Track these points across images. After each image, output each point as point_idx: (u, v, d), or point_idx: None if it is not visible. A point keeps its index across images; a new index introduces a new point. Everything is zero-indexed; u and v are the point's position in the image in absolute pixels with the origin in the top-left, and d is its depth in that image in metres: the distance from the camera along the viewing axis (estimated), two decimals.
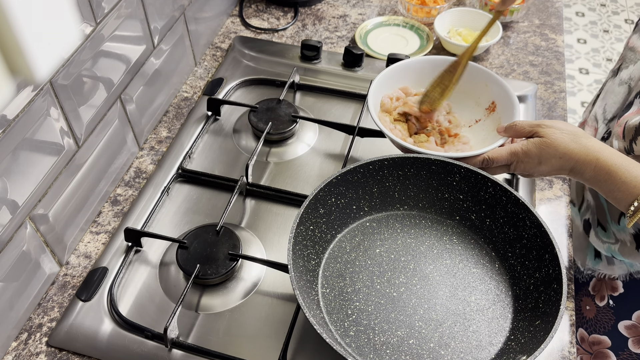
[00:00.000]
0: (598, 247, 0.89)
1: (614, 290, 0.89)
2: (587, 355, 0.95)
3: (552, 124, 0.75)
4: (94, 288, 0.80)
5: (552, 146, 0.73)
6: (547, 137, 0.74)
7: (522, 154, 0.75)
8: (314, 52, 1.12)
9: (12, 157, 0.68)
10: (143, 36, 0.92)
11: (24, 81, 0.67)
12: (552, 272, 0.71)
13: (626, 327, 0.88)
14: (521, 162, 0.76)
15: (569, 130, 0.74)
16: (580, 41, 2.83)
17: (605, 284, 0.90)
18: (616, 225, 0.84)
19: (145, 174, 0.96)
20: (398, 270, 0.78)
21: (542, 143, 0.74)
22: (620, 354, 0.91)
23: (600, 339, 0.92)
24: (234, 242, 0.81)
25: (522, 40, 1.21)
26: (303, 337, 0.75)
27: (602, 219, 0.87)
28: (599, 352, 0.93)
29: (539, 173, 0.76)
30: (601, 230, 0.88)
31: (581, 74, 2.66)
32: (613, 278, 0.89)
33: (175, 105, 1.07)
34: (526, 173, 0.77)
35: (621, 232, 0.83)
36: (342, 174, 0.79)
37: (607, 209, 0.86)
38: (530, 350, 0.64)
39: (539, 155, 0.74)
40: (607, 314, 0.90)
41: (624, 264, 0.87)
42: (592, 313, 0.92)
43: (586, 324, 0.93)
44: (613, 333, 0.90)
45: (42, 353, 0.75)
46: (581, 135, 0.73)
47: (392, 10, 1.29)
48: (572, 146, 0.72)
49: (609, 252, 0.87)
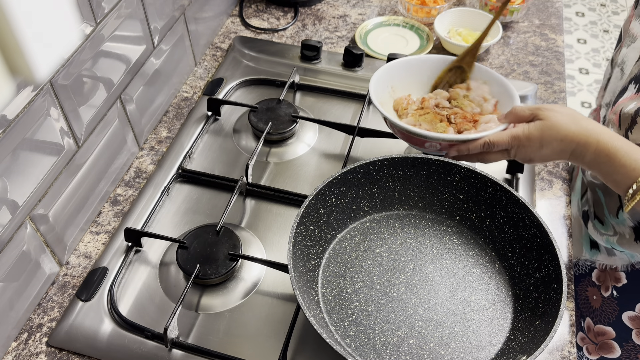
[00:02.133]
0: (597, 239, 0.89)
1: (617, 281, 0.88)
2: (592, 345, 0.95)
3: (552, 107, 0.75)
4: (94, 288, 0.80)
5: (553, 128, 0.72)
6: (548, 120, 0.73)
7: (524, 137, 0.74)
8: (314, 52, 1.12)
9: (12, 157, 0.68)
10: (143, 36, 0.92)
11: (24, 81, 0.67)
12: (552, 272, 0.71)
13: (630, 318, 0.88)
14: (522, 146, 0.75)
15: (568, 112, 0.73)
16: (580, 41, 2.83)
17: (608, 274, 0.89)
18: (615, 218, 0.84)
19: (145, 174, 0.96)
20: (398, 270, 0.78)
21: (543, 125, 0.73)
22: (624, 345, 0.90)
23: (605, 329, 0.91)
24: (234, 242, 0.81)
25: (522, 40, 1.21)
26: (303, 337, 0.75)
27: (600, 213, 0.87)
28: (604, 343, 0.92)
29: (540, 157, 0.75)
30: (599, 223, 0.88)
31: (581, 74, 2.66)
32: (615, 269, 0.88)
33: (175, 105, 1.07)
34: (527, 158, 0.76)
35: (620, 225, 0.83)
36: (342, 174, 0.79)
37: (605, 202, 0.86)
38: (530, 350, 0.64)
39: (540, 139, 0.73)
40: (612, 304, 0.89)
41: (625, 254, 0.87)
42: (597, 303, 0.92)
43: (592, 314, 0.93)
44: (617, 324, 0.89)
45: (42, 353, 0.75)
46: (580, 117, 0.73)
47: (392, 10, 1.29)
48: (573, 128, 0.71)
49: (609, 244, 0.87)
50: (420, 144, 0.83)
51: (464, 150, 0.80)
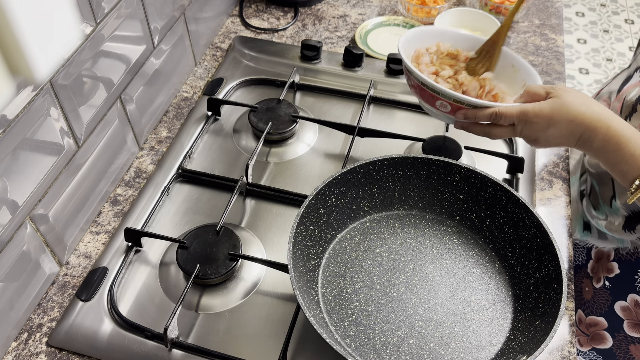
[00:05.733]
0: (590, 218, 0.89)
1: (609, 271, 0.88)
2: (584, 337, 0.94)
3: (565, 88, 0.73)
4: (94, 288, 0.80)
5: (564, 107, 0.70)
6: (560, 98, 0.71)
7: (533, 113, 0.72)
8: (314, 52, 1.12)
9: (12, 157, 0.68)
10: (143, 36, 0.92)
11: (24, 81, 0.67)
12: (552, 272, 0.71)
13: (622, 308, 0.88)
14: (530, 122, 0.72)
15: (581, 95, 0.72)
16: (580, 41, 2.83)
17: (601, 265, 0.89)
18: (608, 207, 0.83)
19: (145, 174, 0.96)
20: (398, 270, 0.78)
21: (554, 103, 0.71)
22: (616, 335, 0.90)
23: (597, 320, 0.91)
24: (234, 242, 0.81)
25: (522, 40, 1.21)
26: (303, 337, 0.75)
27: (595, 201, 0.87)
28: (596, 334, 0.92)
29: (546, 139, 0.73)
30: (592, 208, 0.88)
31: (581, 74, 2.66)
32: (607, 257, 0.88)
33: (175, 105, 1.07)
34: (532, 137, 0.74)
35: (613, 214, 0.83)
36: (342, 174, 0.79)
37: (599, 192, 0.86)
38: (530, 350, 0.64)
39: (549, 117, 0.71)
40: (604, 295, 0.89)
41: (615, 239, 0.86)
42: (589, 294, 0.92)
43: (584, 305, 0.93)
44: (609, 314, 0.89)
45: (42, 353, 0.75)
46: (593, 102, 0.71)
47: (392, 10, 1.29)
48: (583, 109, 0.69)
49: (598, 227, 0.87)
50: (432, 101, 0.79)
51: (471, 116, 0.76)
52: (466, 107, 0.76)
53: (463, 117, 0.77)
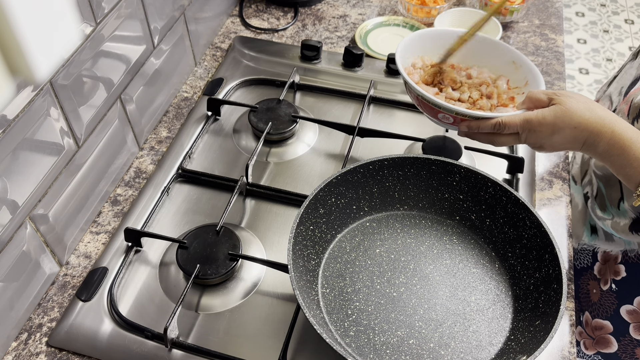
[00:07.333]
0: (596, 220, 0.88)
1: (616, 274, 0.88)
2: (590, 340, 0.94)
3: (568, 93, 0.73)
4: (94, 288, 0.80)
5: (567, 114, 0.70)
6: (563, 105, 0.71)
7: (536, 122, 0.72)
8: (314, 52, 1.12)
9: (12, 157, 0.68)
10: (143, 36, 0.92)
11: (24, 81, 0.67)
12: (552, 272, 0.71)
13: (628, 312, 0.87)
14: (534, 130, 0.72)
15: (585, 100, 0.71)
16: (580, 41, 2.83)
17: (608, 267, 0.89)
18: (615, 209, 0.83)
19: (145, 174, 0.96)
20: (398, 270, 0.78)
21: (557, 110, 0.71)
22: (621, 339, 0.90)
23: (603, 324, 0.91)
24: (234, 242, 0.81)
25: (522, 40, 1.21)
26: (303, 337, 0.75)
27: (601, 203, 0.87)
28: (601, 337, 0.92)
29: (551, 144, 0.72)
30: (599, 209, 0.87)
31: (581, 74, 2.66)
32: (615, 259, 0.88)
33: (175, 105, 1.07)
34: (537, 144, 0.74)
35: (620, 216, 0.83)
36: (342, 174, 0.79)
37: (606, 194, 0.86)
38: (530, 350, 0.64)
39: (553, 124, 0.71)
40: (610, 297, 0.89)
41: (622, 240, 0.86)
42: (596, 297, 0.91)
43: (590, 307, 0.93)
44: (615, 318, 0.89)
45: (42, 353, 0.75)
46: (596, 106, 0.71)
47: (392, 10, 1.29)
48: (587, 115, 0.69)
49: (606, 228, 0.87)
50: (434, 114, 0.80)
51: (474, 127, 0.76)
52: (469, 118, 0.77)
53: (467, 129, 0.77)
